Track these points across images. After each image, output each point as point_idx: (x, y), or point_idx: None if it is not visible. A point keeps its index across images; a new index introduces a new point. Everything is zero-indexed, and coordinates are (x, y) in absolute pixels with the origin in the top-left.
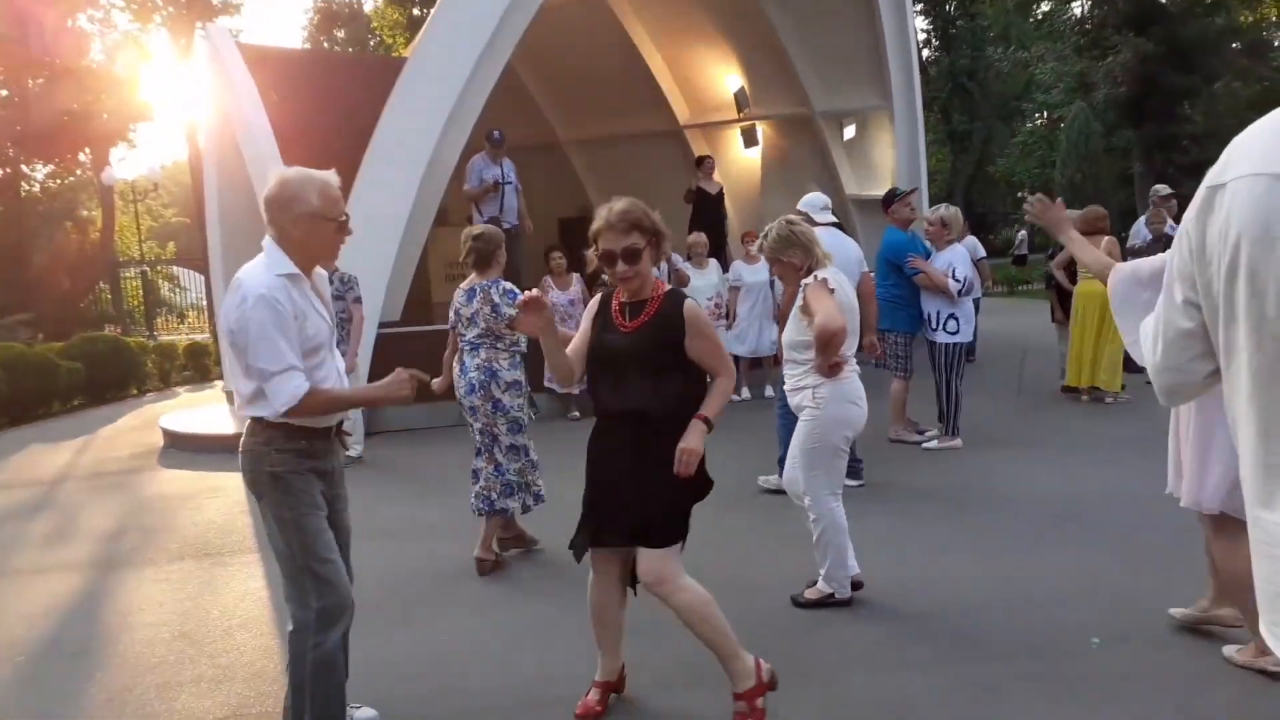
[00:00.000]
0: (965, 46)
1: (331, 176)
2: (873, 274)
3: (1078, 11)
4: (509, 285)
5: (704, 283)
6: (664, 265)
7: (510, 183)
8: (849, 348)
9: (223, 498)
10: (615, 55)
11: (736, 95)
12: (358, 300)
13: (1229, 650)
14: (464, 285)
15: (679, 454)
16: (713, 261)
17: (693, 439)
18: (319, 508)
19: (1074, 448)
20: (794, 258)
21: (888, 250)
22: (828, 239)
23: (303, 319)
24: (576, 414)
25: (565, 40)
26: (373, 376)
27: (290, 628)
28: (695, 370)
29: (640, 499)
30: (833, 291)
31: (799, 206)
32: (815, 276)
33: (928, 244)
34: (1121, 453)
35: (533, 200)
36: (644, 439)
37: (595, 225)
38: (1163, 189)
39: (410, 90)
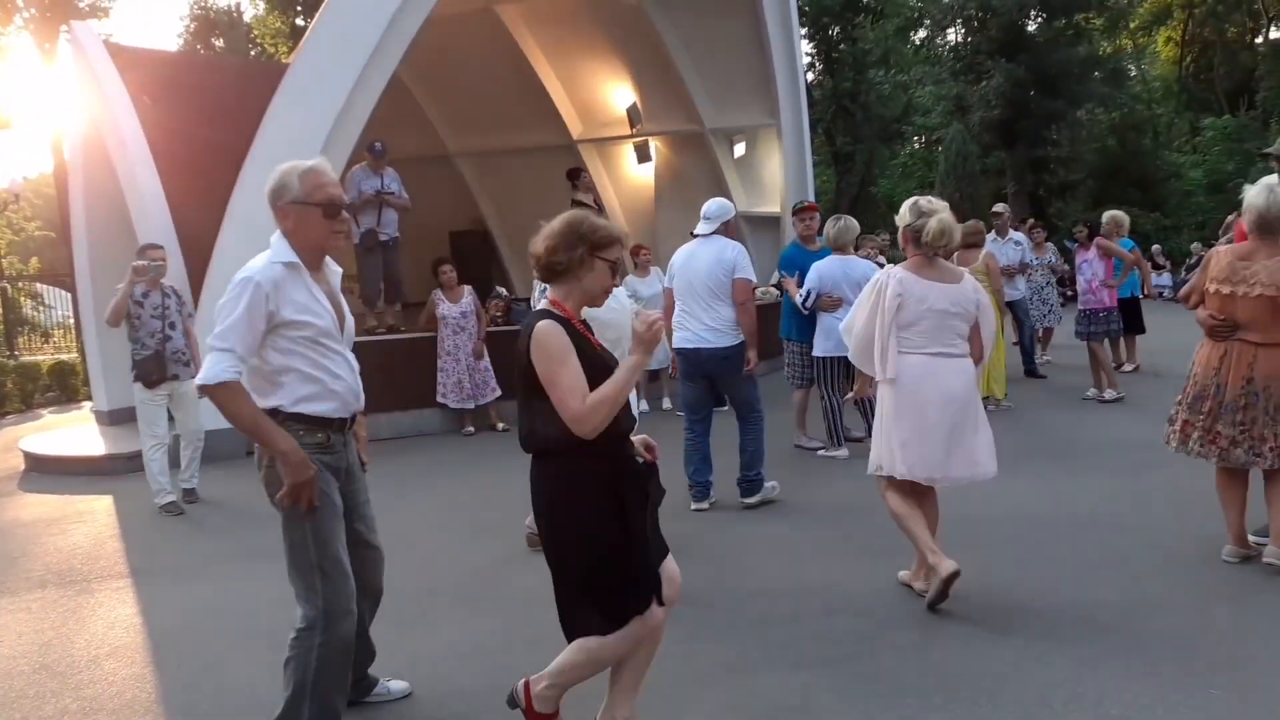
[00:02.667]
0: (848, 70)
1: (319, 163)
2: (749, 282)
3: (953, 38)
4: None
5: (651, 292)
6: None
7: (392, 193)
8: None
9: (90, 522)
10: (507, 69)
11: (629, 111)
12: (190, 316)
13: (903, 574)
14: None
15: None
16: (655, 269)
17: None
18: (335, 506)
19: None
20: None
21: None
22: (698, 250)
23: (299, 308)
24: (471, 429)
25: (456, 54)
26: None
27: (297, 626)
28: None
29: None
30: None
31: None
32: None
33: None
34: (1022, 461)
35: (423, 213)
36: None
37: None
38: (999, 208)
39: (294, 95)
